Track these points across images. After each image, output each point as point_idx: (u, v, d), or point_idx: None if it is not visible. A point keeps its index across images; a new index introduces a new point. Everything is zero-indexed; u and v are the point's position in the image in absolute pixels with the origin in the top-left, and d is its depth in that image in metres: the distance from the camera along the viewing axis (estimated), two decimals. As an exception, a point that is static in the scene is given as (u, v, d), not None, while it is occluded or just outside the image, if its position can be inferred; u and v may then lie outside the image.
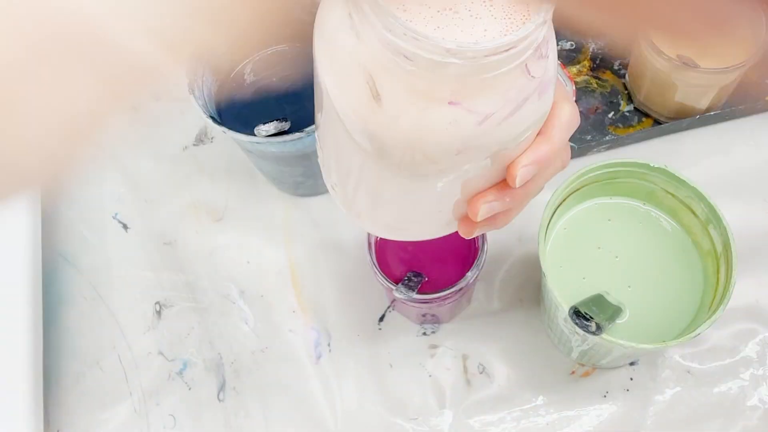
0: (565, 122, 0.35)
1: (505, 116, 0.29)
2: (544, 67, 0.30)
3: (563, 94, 0.36)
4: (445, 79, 0.27)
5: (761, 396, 0.54)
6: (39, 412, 0.54)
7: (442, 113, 0.28)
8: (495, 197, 0.34)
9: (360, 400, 0.56)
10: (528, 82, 0.29)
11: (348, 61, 0.29)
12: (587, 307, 0.44)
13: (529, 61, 0.28)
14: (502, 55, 0.26)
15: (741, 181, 0.62)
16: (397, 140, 0.30)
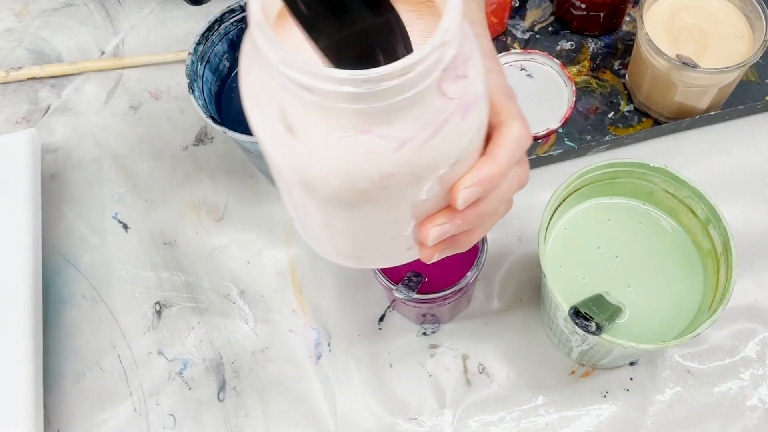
0: (512, 141, 0.34)
1: (424, 140, 0.28)
2: (464, 87, 0.29)
3: (513, 111, 0.35)
4: (351, 108, 0.27)
5: (761, 396, 0.54)
6: (39, 412, 0.54)
7: (357, 142, 0.28)
8: (446, 219, 0.33)
9: (360, 400, 0.56)
10: (445, 104, 0.28)
11: (262, 95, 0.29)
12: (587, 307, 0.44)
13: (443, 82, 0.28)
14: (399, 80, 0.26)
15: (741, 181, 0.62)
16: (317, 172, 0.29)
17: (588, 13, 0.66)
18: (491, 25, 0.66)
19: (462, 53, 0.29)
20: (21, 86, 0.71)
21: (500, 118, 0.35)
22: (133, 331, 0.59)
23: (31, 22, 0.74)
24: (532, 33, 0.69)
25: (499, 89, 0.36)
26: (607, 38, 0.69)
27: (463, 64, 0.29)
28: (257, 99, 0.30)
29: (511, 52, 0.67)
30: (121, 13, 0.74)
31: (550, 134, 0.64)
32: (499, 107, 0.35)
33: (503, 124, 0.35)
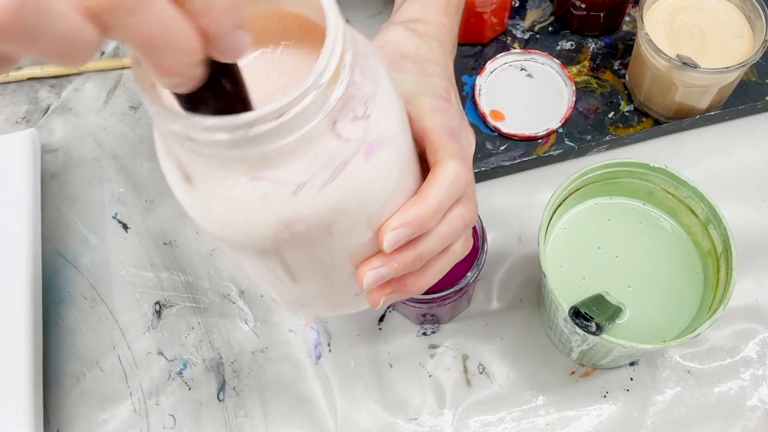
0: (445, 181, 0.33)
1: (323, 183, 0.28)
2: (363, 127, 0.28)
3: (452, 150, 0.34)
4: (236, 154, 0.26)
5: (761, 396, 0.54)
6: (39, 412, 0.54)
7: (250, 189, 0.27)
8: (380, 263, 0.32)
9: (360, 400, 0.56)
10: (342, 145, 0.28)
11: (162, 145, 0.29)
12: (587, 307, 0.44)
13: (338, 123, 0.27)
14: (272, 123, 0.25)
15: (741, 181, 0.62)
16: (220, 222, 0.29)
17: (588, 13, 0.66)
18: (491, 25, 0.66)
19: (361, 93, 0.28)
20: (21, 86, 0.71)
21: (437, 157, 0.34)
22: (133, 331, 0.59)
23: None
24: (532, 33, 0.69)
25: (441, 128, 0.35)
26: (607, 38, 0.69)
27: (363, 104, 0.28)
28: (160, 149, 0.29)
29: (511, 52, 0.67)
30: (121, 13, 0.74)
31: (550, 134, 0.64)
32: (438, 146, 0.34)
33: (438, 164, 0.34)
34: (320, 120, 0.26)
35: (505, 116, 0.64)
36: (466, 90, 0.66)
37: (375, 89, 0.29)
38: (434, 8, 0.42)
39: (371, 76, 0.30)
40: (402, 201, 0.32)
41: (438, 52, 0.40)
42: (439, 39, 0.41)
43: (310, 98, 0.25)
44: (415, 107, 0.36)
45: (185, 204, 0.30)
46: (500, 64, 0.67)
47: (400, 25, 0.40)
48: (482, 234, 0.50)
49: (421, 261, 0.34)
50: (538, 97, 0.65)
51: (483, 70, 0.66)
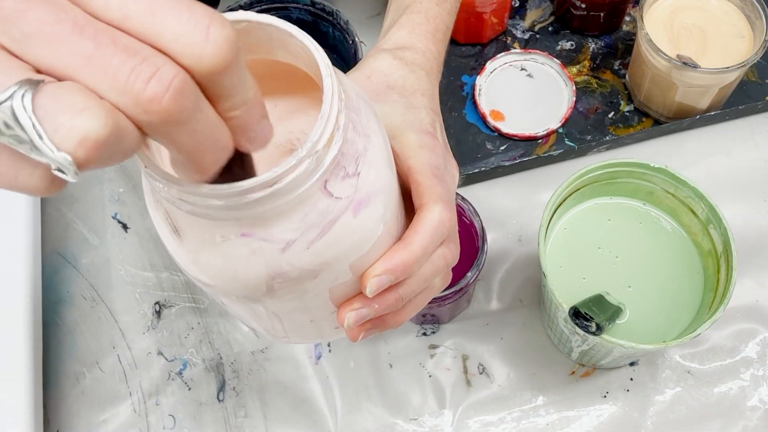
0: (430, 227, 0.33)
1: (311, 240, 0.28)
2: (354, 185, 0.29)
3: (436, 194, 0.34)
4: (225, 215, 0.26)
5: (761, 396, 0.54)
6: (39, 412, 0.54)
7: (239, 245, 0.28)
8: (362, 304, 0.32)
9: (360, 400, 0.56)
10: (332, 204, 0.28)
11: (151, 198, 0.29)
12: (587, 308, 0.44)
13: (329, 182, 0.28)
14: (266, 191, 0.25)
15: (741, 181, 0.62)
16: (207, 272, 0.29)
17: (588, 13, 0.66)
18: (491, 25, 0.66)
19: (353, 150, 0.29)
20: (21, 86, 0.71)
21: (422, 201, 0.34)
22: (133, 332, 0.59)
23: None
24: (532, 33, 0.69)
25: (427, 168, 0.35)
26: (607, 38, 0.68)
27: (354, 161, 0.29)
28: (149, 201, 0.30)
29: (511, 52, 0.67)
30: (121, 13, 0.74)
31: (550, 134, 0.64)
32: (423, 189, 0.35)
33: (423, 208, 0.34)
34: (312, 183, 0.27)
35: (505, 116, 0.64)
36: (466, 90, 0.66)
37: (366, 144, 0.30)
38: (422, 35, 0.42)
39: (362, 132, 0.30)
40: (387, 244, 0.32)
41: (425, 82, 0.40)
42: (426, 67, 0.40)
43: (304, 166, 0.26)
44: (401, 144, 0.36)
45: (173, 253, 0.30)
46: (500, 64, 0.67)
47: (388, 53, 0.40)
48: (482, 234, 0.50)
49: (402, 302, 0.34)
50: (538, 97, 0.65)
51: (483, 70, 0.66)
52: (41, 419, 0.54)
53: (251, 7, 0.57)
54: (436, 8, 0.43)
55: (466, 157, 0.63)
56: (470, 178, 0.62)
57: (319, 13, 0.57)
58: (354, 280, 0.32)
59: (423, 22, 0.42)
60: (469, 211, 0.51)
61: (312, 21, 0.58)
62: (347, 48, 0.56)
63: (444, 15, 0.44)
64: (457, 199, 0.51)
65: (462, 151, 0.63)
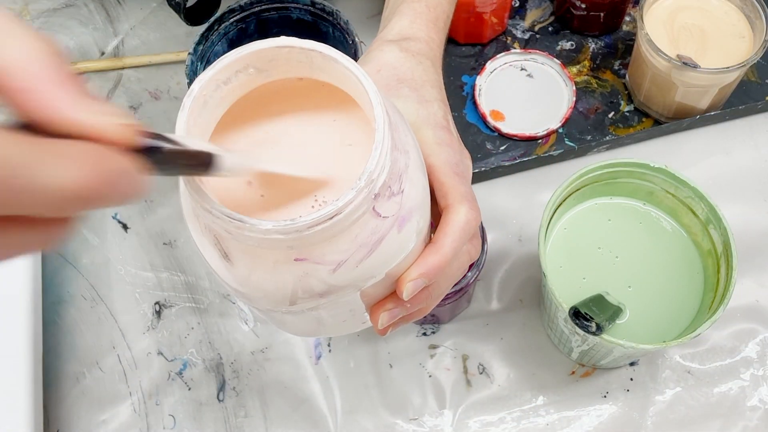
0: (458, 229, 0.34)
1: (360, 259, 0.29)
2: (399, 203, 0.30)
3: (461, 193, 0.35)
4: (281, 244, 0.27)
5: (761, 396, 0.54)
6: (39, 412, 0.54)
7: (293, 269, 0.29)
8: (395, 305, 0.34)
9: (360, 400, 0.56)
10: (380, 223, 0.29)
11: (198, 224, 0.30)
12: (587, 308, 0.44)
13: (376, 203, 0.29)
14: (327, 224, 0.26)
15: (741, 181, 0.62)
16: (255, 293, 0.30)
17: (588, 13, 0.66)
18: (491, 25, 0.66)
19: (396, 169, 0.30)
20: (21, 86, 0.71)
21: (447, 201, 0.35)
22: (133, 332, 0.59)
23: (31, 23, 0.74)
24: (532, 33, 0.69)
25: (448, 167, 0.36)
26: (607, 38, 0.68)
27: (398, 180, 0.30)
28: (194, 226, 0.31)
29: (511, 52, 0.67)
30: (121, 13, 0.74)
31: (550, 134, 0.64)
32: (447, 188, 0.35)
33: (450, 210, 0.35)
34: (366, 208, 0.28)
35: (505, 116, 0.64)
36: (466, 90, 0.66)
37: (407, 161, 0.31)
38: (424, 24, 0.42)
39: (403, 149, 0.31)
40: (420, 248, 0.33)
41: (431, 72, 0.40)
42: (431, 56, 0.41)
43: (362, 196, 0.27)
44: (420, 141, 0.36)
45: (220, 274, 0.31)
46: (500, 64, 0.67)
47: (394, 44, 0.40)
48: (482, 234, 0.50)
49: (431, 299, 0.35)
50: (538, 97, 0.65)
51: (483, 70, 0.66)
52: (41, 419, 0.54)
53: (251, 6, 0.57)
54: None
55: (466, 157, 0.63)
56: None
57: (319, 13, 0.57)
58: (389, 283, 0.33)
59: (424, 11, 0.42)
60: (469, 211, 0.51)
61: (312, 21, 0.58)
62: (347, 48, 0.56)
63: (444, 3, 0.44)
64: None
65: (462, 151, 0.63)
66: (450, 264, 0.34)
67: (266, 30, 0.59)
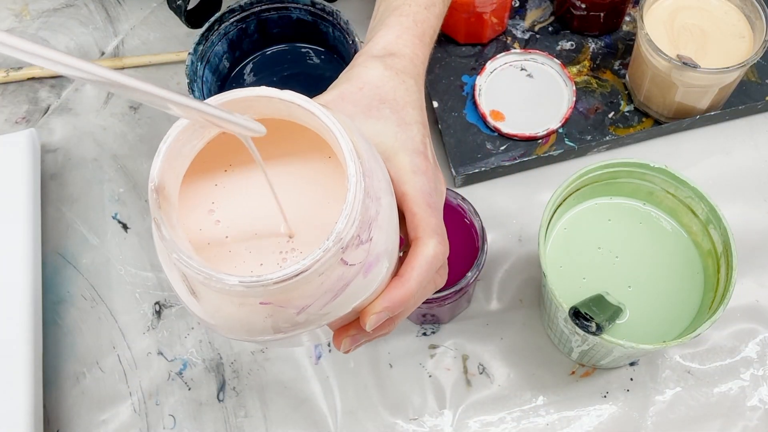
0: (426, 262, 0.35)
1: (325, 303, 0.30)
2: (366, 250, 0.30)
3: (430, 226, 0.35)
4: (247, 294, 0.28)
5: (761, 396, 0.54)
6: (39, 412, 0.54)
7: (258, 310, 0.29)
8: (357, 331, 0.34)
9: (360, 400, 0.56)
10: (347, 270, 0.30)
11: (167, 259, 0.31)
12: (587, 308, 0.44)
13: (345, 253, 0.29)
14: (292, 280, 0.27)
15: (741, 181, 0.62)
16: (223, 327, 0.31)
17: (588, 13, 0.66)
18: (491, 25, 0.66)
19: (367, 217, 0.30)
20: (21, 86, 0.71)
21: (417, 234, 0.35)
22: (133, 332, 0.59)
23: (32, 23, 0.74)
24: (532, 33, 0.69)
25: (421, 197, 0.36)
26: (608, 38, 0.68)
27: (368, 229, 0.30)
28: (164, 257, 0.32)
29: (511, 52, 0.67)
30: (121, 13, 0.74)
31: (550, 134, 0.64)
32: (418, 221, 0.36)
33: (419, 243, 0.35)
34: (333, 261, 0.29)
35: (505, 116, 0.64)
36: (466, 90, 0.66)
37: (378, 209, 0.31)
38: (410, 39, 0.42)
39: (375, 196, 0.31)
40: (387, 281, 0.34)
41: (414, 92, 0.40)
42: (414, 74, 0.41)
43: (329, 255, 0.28)
44: (395, 167, 0.37)
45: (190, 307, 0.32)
46: (500, 64, 0.67)
47: (379, 61, 0.40)
48: (482, 234, 0.50)
49: (394, 326, 0.36)
50: (538, 97, 0.65)
51: (483, 70, 0.66)
52: (41, 419, 0.54)
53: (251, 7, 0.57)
54: (425, 12, 0.43)
55: (466, 157, 0.63)
56: (470, 178, 0.62)
57: (319, 13, 0.57)
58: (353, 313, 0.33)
59: (411, 26, 0.42)
60: (469, 211, 0.51)
61: (312, 21, 0.58)
62: (347, 48, 0.56)
63: (432, 19, 0.44)
64: (457, 199, 0.51)
65: (462, 151, 0.63)
66: (415, 296, 0.35)
67: (266, 30, 0.59)
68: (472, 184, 0.63)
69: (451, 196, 0.51)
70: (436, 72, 0.67)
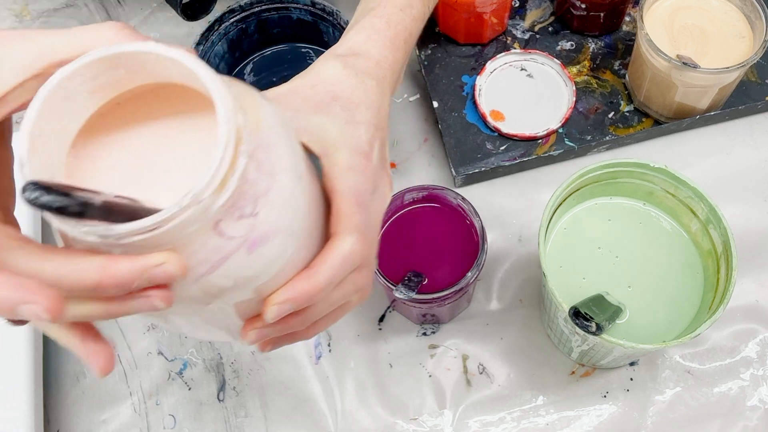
0: (338, 257, 0.33)
1: (201, 274, 0.28)
2: (249, 225, 0.29)
3: (352, 223, 0.34)
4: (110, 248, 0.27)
5: (761, 396, 0.54)
6: (39, 412, 0.54)
7: None
8: (263, 324, 0.33)
9: (360, 400, 0.56)
10: (224, 243, 0.28)
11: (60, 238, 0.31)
12: (587, 308, 0.44)
13: (221, 222, 0.28)
14: (145, 235, 0.25)
15: (741, 181, 0.62)
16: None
17: (588, 13, 0.66)
18: (491, 25, 0.66)
19: (253, 190, 0.29)
20: (21, 86, 0.71)
21: (336, 229, 0.34)
22: (133, 331, 0.59)
23: (32, 23, 0.74)
24: (532, 33, 0.69)
25: (350, 194, 0.35)
26: (607, 38, 0.68)
27: (253, 202, 0.29)
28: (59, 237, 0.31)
29: (511, 52, 0.67)
30: (121, 13, 0.74)
31: (550, 134, 0.64)
32: (340, 216, 0.35)
33: (335, 238, 0.34)
34: (198, 227, 0.27)
35: (505, 116, 0.64)
36: (466, 90, 0.66)
37: (270, 184, 0.30)
38: (380, 41, 0.41)
39: (268, 171, 0.30)
40: (295, 270, 0.32)
41: (373, 93, 0.39)
42: (378, 76, 0.40)
43: (187, 213, 0.26)
44: (332, 162, 0.36)
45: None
46: (500, 64, 0.67)
47: (339, 60, 0.39)
48: (482, 234, 0.50)
49: (307, 323, 0.34)
50: (538, 97, 0.65)
51: (483, 70, 0.66)
52: (41, 419, 0.54)
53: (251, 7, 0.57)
54: (400, 14, 0.43)
55: (466, 157, 0.63)
56: (470, 178, 0.62)
57: (319, 13, 0.57)
58: (260, 299, 0.32)
59: (383, 28, 0.42)
60: (469, 211, 0.51)
61: (312, 21, 0.58)
62: (347, 48, 0.56)
63: (407, 21, 0.43)
64: (457, 199, 0.51)
65: (462, 151, 0.63)
66: (323, 292, 0.33)
67: (266, 30, 0.59)
68: (472, 184, 0.63)
69: (451, 196, 0.51)
70: (436, 72, 0.67)
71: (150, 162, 0.31)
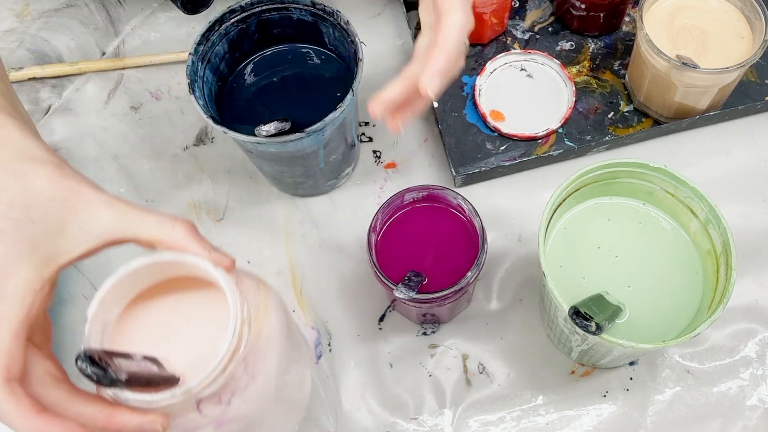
0: (456, 28, 0.42)
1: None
2: (223, 410, 0.38)
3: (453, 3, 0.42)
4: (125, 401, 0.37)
5: (761, 396, 0.54)
6: None
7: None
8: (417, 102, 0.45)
9: (360, 400, 0.56)
10: (199, 418, 0.38)
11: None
12: (587, 307, 0.44)
13: (202, 403, 0.37)
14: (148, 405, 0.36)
15: (740, 181, 0.62)
16: None
17: (588, 13, 0.66)
18: (491, 25, 0.66)
19: (233, 385, 0.38)
20: (22, 86, 0.71)
21: (444, 7, 0.42)
22: None
23: (32, 23, 0.74)
24: (532, 33, 0.69)
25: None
26: (607, 38, 0.69)
27: (230, 393, 0.38)
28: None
29: (511, 52, 0.67)
30: (122, 13, 0.74)
31: (550, 134, 0.64)
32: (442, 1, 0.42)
33: (446, 14, 0.42)
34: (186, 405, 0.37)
35: (505, 116, 0.65)
36: (466, 90, 0.66)
37: (248, 383, 0.38)
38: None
39: (252, 372, 0.39)
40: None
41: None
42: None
43: (180, 399, 0.36)
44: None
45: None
46: (500, 64, 0.67)
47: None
48: (482, 234, 0.50)
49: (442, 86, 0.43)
50: (538, 97, 0.65)
51: (483, 70, 0.66)
52: None
53: (252, 7, 0.57)
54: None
55: (466, 157, 0.63)
56: (470, 178, 0.62)
57: (319, 14, 0.57)
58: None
59: None
60: (469, 211, 0.51)
61: (312, 21, 0.58)
62: (347, 48, 0.56)
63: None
64: (458, 199, 0.51)
65: (462, 151, 0.63)
66: (457, 57, 0.42)
67: (267, 30, 0.59)
68: (472, 184, 0.63)
69: (451, 196, 0.51)
70: (436, 72, 0.67)
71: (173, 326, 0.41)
